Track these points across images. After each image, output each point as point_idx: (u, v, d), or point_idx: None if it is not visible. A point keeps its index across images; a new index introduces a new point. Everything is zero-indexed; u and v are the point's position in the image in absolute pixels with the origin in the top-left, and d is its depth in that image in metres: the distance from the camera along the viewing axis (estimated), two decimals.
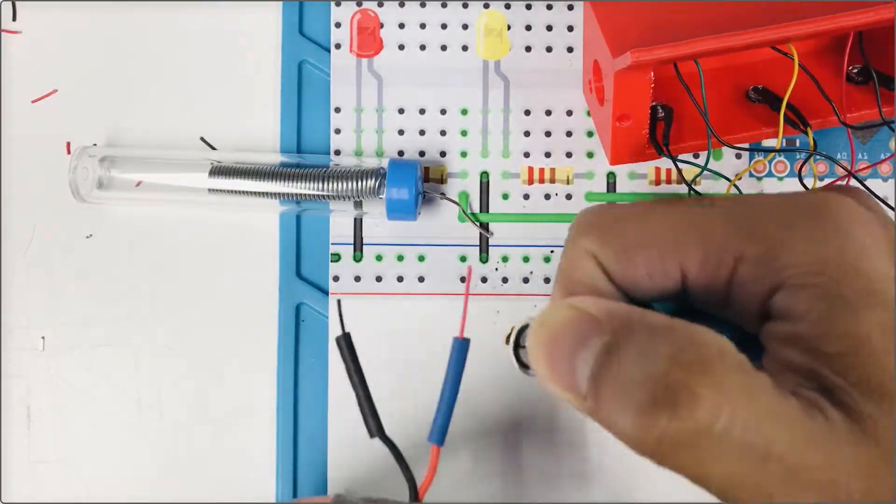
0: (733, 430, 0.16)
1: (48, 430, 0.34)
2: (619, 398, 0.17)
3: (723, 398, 0.16)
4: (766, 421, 0.16)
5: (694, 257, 0.20)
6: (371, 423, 0.26)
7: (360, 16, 0.34)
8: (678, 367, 0.16)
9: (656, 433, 0.16)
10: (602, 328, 0.18)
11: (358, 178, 0.32)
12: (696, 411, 0.16)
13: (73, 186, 0.33)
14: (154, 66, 0.35)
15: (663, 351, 0.17)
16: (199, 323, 0.34)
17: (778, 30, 0.27)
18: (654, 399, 0.16)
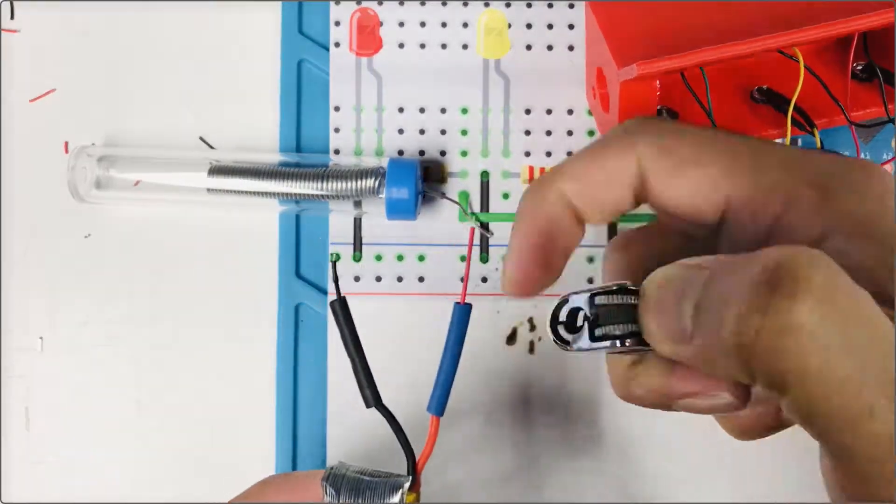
0: (836, 321, 0.16)
1: (48, 430, 0.34)
2: (717, 309, 0.17)
3: (827, 286, 0.16)
4: (868, 322, 0.16)
5: (744, 189, 0.19)
6: (368, 392, 0.25)
7: (360, 14, 0.34)
8: (780, 256, 0.16)
9: (756, 323, 0.16)
10: (702, 269, 0.18)
11: (357, 178, 0.32)
12: (800, 292, 0.16)
13: (72, 186, 0.33)
14: (153, 66, 0.35)
15: (762, 256, 0.17)
16: (199, 323, 0.34)
17: (783, 36, 0.27)
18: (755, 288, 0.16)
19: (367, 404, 0.25)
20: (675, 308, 0.18)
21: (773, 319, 0.16)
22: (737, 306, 0.16)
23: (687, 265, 0.18)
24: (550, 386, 0.33)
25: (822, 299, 0.16)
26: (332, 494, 0.24)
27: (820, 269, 0.16)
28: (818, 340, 0.16)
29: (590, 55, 0.32)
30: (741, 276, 0.17)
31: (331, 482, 0.24)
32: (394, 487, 0.24)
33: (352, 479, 0.24)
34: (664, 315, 0.18)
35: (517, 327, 0.33)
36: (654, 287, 0.19)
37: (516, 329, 0.34)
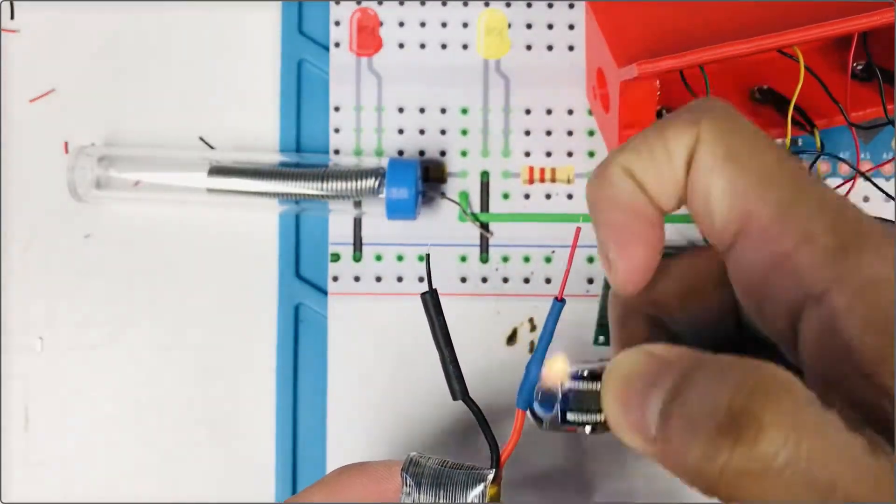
0: (798, 462, 0.16)
1: (47, 430, 0.34)
2: (684, 430, 0.17)
3: (789, 429, 0.16)
4: (833, 456, 0.16)
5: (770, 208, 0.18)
6: (455, 385, 0.24)
7: (360, 14, 0.34)
8: (744, 396, 0.16)
9: (720, 462, 0.16)
10: (672, 368, 0.17)
11: (357, 178, 0.32)
12: (761, 440, 0.16)
13: (72, 186, 0.33)
14: (153, 66, 0.35)
15: (731, 381, 0.16)
16: (199, 323, 0.34)
17: (783, 36, 0.27)
18: (719, 427, 0.16)
19: (454, 397, 0.25)
20: (639, 407, 0.18)
21: (738, 460, 0.16)
22: (703, 437, 0.16)
23: (654, 356, 0.18)
24: None
25: (786, 441, 0.16)
26: (412, 485, 0.23)
27: (787, 405, 0.16)
28: (781, 481, 0.16)
29: (590, 55, 0.32)
30: (709, 397, 0.16)
31: (410, 473, 0.23)
32: (476, 479, 0.23)
33: (432, 470, 0.23)
34: (627, 412, 0.18)
35: (517, 327, 0.33)
36: (617, 380, 0.18)
37: (516, 329, 0.33)
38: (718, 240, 0.20)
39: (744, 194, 0.19)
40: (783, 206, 0.18)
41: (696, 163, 0.19)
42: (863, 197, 0.33)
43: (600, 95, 0.31)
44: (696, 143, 0.19)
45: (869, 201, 0.33)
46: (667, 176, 0.19)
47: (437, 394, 0.33)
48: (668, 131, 0.19)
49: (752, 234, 0.19)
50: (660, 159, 0.19)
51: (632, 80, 0.28)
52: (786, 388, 0.16)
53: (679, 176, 0.19)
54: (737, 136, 0.19)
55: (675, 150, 0.19)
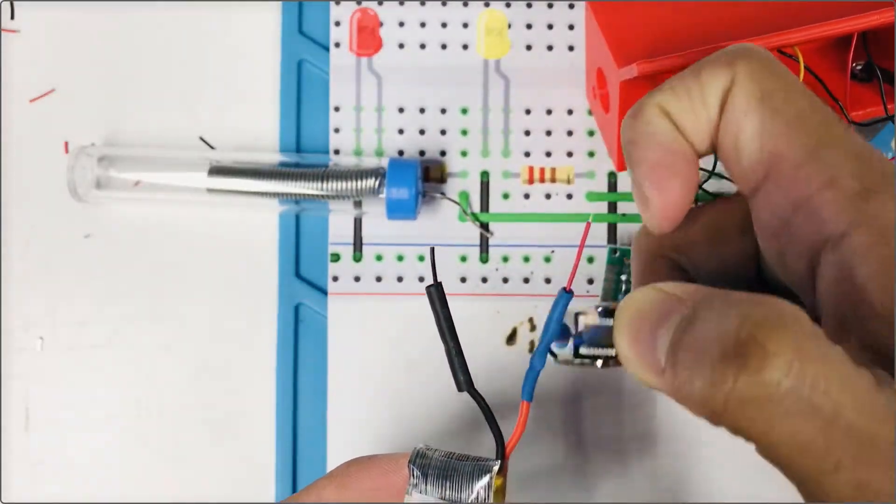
0: (801, 389, 0.16)
1: (47, 430, 0.34)
2: (692, 360, 0.17)
3: (793, 357, 0.16)
4: (837, 386, 0.16)
5: (798, 151, 0.19)
6: (461, 377, 0.25)
7: (360, 14, 0.34)
8: (750, 325, 0.16)
9: (725, 389, 0.16)
10: (682, 303, 0.18)
11: (357, 178, 0.32)
12: (765, 366, 0.16)
13: (72, 186, 0.33)
14: (153, 66, 0.35)
15: (738, 312, 0.17)
16: (199, 323, 0.34)
17: (783, 36, 0.27)
18: (724, 354, 0.16)
19: (459, 388, 0.25)
20: (649, 341, 0.18)
21: (742, 388, 0.16)
22: (709, 366, 0.16)
23: (665, 293, 0.18)
24: (550, 386, 0.33)
25: (789, 369, 0.16)
26: (419, 476, 0.23)
27: (792, 335, 0.16)
28: (784, 408, 0.16)
29: (590, 55, 0.32)
30: (717, 328, 0.17)
31: (417, 464, 0.23)
32: (482, 471, 0.23)
33: (439, 462, 0.24)
34: (638, 346, 0.18)
35: (517, 327, 0.33)
36: (629, 316, 0.19)
37: (516, 329, 0.34)
38: (745, 182, 0.20)
39: (774, 136, 0.19)
40: (811, 149, 0.19)
41: (730, 103, 0.19)
42: None
43: (600, 95, 0.31)
44: (731, 85, 0.19)
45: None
46: (701, 115, 0.20)
47: (438, 393, 0.33)
48: (704, 72, 0.19)
49: (778, 177, 0.19)
50: (695, 99, 0.20)
51: (631, 80, 0.28)
52: (792, 319, 0.17)
53: (713, 116, 0.20)
54: (771, 80, 0.19)
55: (711, 91, 0.19)
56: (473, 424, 0.33)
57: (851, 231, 0.18)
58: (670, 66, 0.27)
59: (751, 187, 0.20)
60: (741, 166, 0.20)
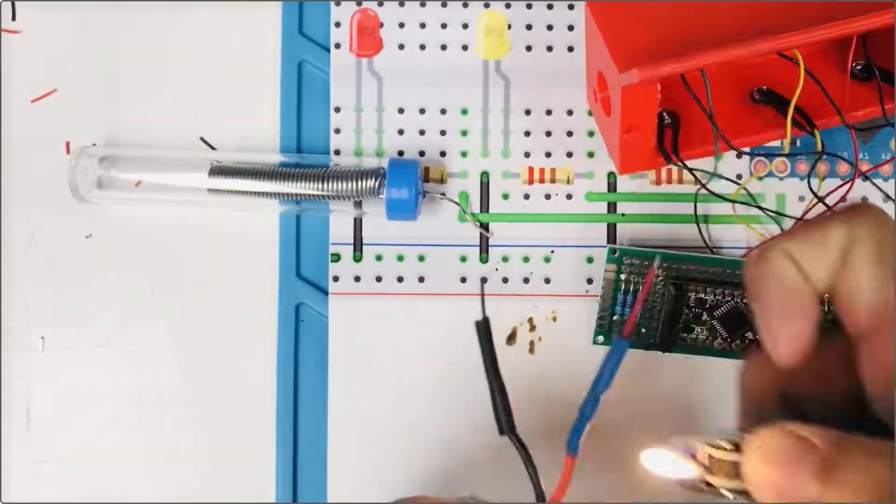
0: None
1: (48, 430, 0.34)
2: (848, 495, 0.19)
3: None
4: None
5: None
6: (503, 419, 0.24)
7: (360, 15, 0.34)
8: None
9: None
10: (815, 447, 0.20)
11: (358, 178, 0.32)
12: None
13: (73, 186, 0.33)
14: (154, 66, 0.35)
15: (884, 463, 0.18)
16: (199, 323, 0.34)
17: (784, 39, 0.27)
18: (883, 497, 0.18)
19: (501, 432, 0.25)
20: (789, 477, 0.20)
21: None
22: None
23: (796, 436, 0.20)
24: (550, 386, 0.33)
25: None
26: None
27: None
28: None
29: (590, 59, 0.32)
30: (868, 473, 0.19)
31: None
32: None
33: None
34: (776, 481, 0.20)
35: (517, 327, 0.34)
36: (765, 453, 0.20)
37: (516, 329, 0.34)
38: (855, 328, 0.22)
39: (888, 291, 0.21)
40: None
41: (852, 258, 0.21)
42: (861, 197, 0.33)
43: (601, 99, 0.31)
44: (851, 242, 0.21)
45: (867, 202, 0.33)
46: (823, 262, 0.21)
47: (438, 393, 0.33)
48: (830, 229, 0.21)
49: (888, 335, 0.21)
50: (819, 249, 0.21)
51: (633, 85, 0.28)
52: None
53: (834, 263, 0.21)
54: (888, 241, 0.21)
55: (833, 243, 0.21)
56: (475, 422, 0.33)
57: None
58: (671, 72, 0.27)
59: (861, 332, 0.21)
60: (856, 313, 0.21)
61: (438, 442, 0.33)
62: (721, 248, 0.34)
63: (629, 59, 0.28)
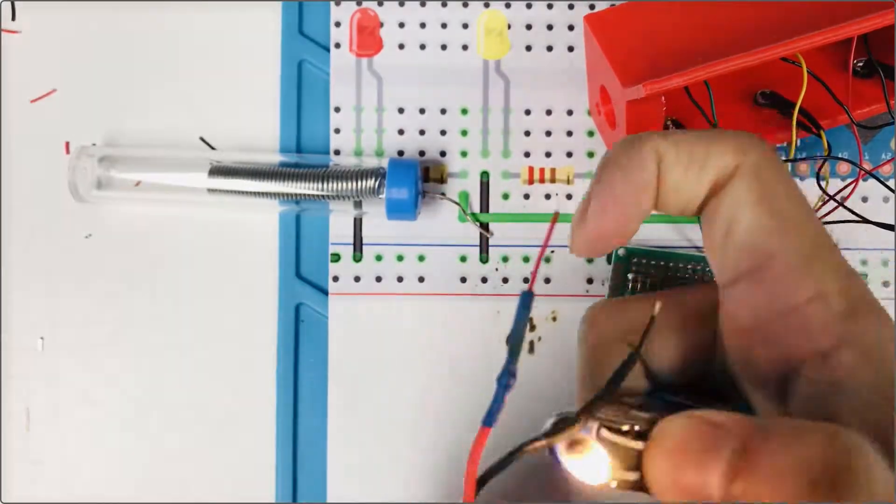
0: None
1: (48, 430, 0.34)
2: (768, 494, 0.16)
3: (876, 483, 0.16)
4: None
5: (792, 255, 0.19)
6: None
7: (360, 15, 0.34)
8: (836, 452, 0.16)
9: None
10: (728, 433, 0.17)
11: (357, 178, 0.32)
12: (864, 491, 0.16)
13: (73, 186, 0.33)
14: (153, 66, 0.35)
15: (816, 442, 0.16)
16: (199, 323, 0.34)
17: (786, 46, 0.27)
18: (812, 482, 0.16)
19: None
20: (696, 470, 0.17)
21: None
22: (794, 493, 0.16)
23: (709, 422, 0.18)
24: (550, 386, 0.33)
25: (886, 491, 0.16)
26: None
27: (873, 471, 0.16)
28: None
29: (591, 73, 0.32)
30: (794, 454, 0.16)
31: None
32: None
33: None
34: (681, 475, 0.18)
35: None
36: (670, 444, 0.18)
37: None
38: (723, 270, 0.20)
39: (768, 236, 0.19)
40: (804, 258, 0.19)
41: (731, 191, 0.19)
42: (861, 197, 0.33)
43: (605, 112, 0.31)
44: (735, 172, 0.19)
45: (867, 202, 0.33)
46: (689, 184, 0.20)
47: (438, 393, 0.33)
48: (715, 147, 0.19)
49: (764, 277, 0.19)
50: (693, 166, 0.19)
51: (638, 100, 0.27)
52: (865, 445, 0.16)
53: (700, 191, 0.20)
54: (775, 179, 0.19)
55: (712, 167, 0.19)
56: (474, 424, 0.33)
57: (840, 347, 0.18)
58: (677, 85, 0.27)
59: (729, 278, 0.20)
60: (726, 254, 0.20)
61: (438, 442, 0.33)
62: None
63: (632, 73, 0.27)
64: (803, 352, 0.19)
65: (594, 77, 0.32)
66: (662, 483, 0.18)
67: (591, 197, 0.20)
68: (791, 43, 0.27)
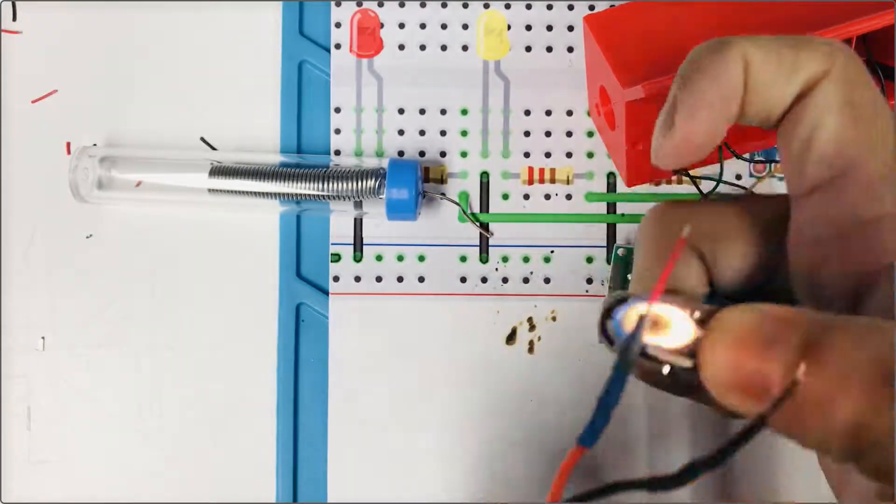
0: None
1: (48, 430, 0.34)
2: (836, 385, 0.15)
3: None
4: None
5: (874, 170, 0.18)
6: None
7: (360, 16, 0.34)
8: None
9: (884, 418, 0.15)
10: (795, 326, 0.16)
11: (358, 179, 0.32)
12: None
13: (73, 186, 0.33)
14: (154, 66, 0.35)
15: (884, 338, 0.15)
16: (199, 323, 0.34)
17: None
18: (885, 379, 0.15)
19: None
20: (758, 365, 0.16)
21: None
22: (863, 390, 0.15)
23: (774, 317, 0.17)
24: (550, 386, 0.33)
25: None
26: None
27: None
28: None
29: (591, 74, 0.32)
30: (862, 351, 0.15)
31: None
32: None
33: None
34: (739, 367, 0.16)
35: (517, 327, 0.34)
36: (729, 334, 0.17)
37: (516, 329, 0.34)
38: (801, 179, 0.19)
39: (855, 145, 0.18)
40: (888, 169, 0.18)
41: (817, 96, 0.18)
42: None
43: (605, 113, 0.31)
44: (824, 77, 0.18)
45: None
46: (777, 88, 0.19)
47: (438, 393, 0.33)
48: (804, 51, 0.19)
49: (845, 188, 0.18)
50: (783, 69, 0.19)
51: (638, 100, 0.27)
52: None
53: (787, 95, 0.19)
54: (862, 89, 0.19)
55: (801, 70, 0.18)
56: (474, 424, 0.33)
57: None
58: None
59: (808, 187, 0.19)
60: (806, 162, 0.19)
61: (438, 442, 0.33)
62: None
63: (632, 73, 0.27)
64: (878, 266, 0.18)
65: (594, 77, 0.32)
66: (719, 372, 0.17)
67: (677, 103, 0.19)
68: None
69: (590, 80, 0.33)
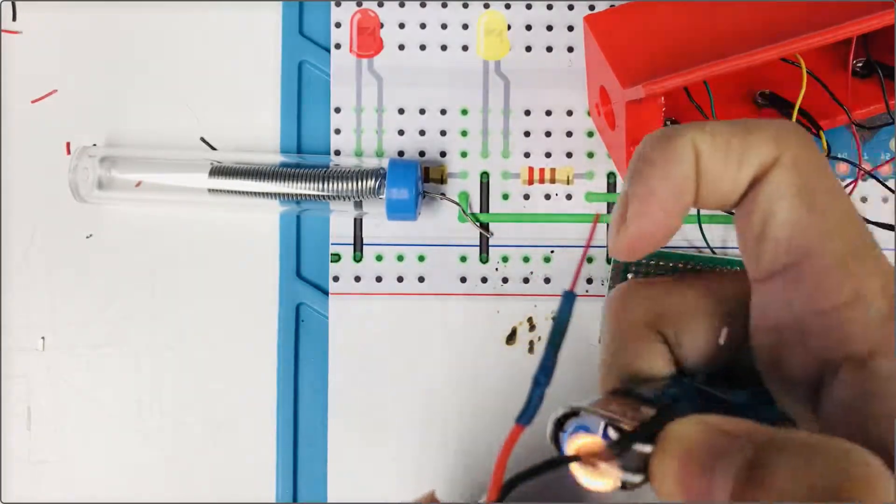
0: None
1: (48, 430, 0.34)
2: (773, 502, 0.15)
3: None
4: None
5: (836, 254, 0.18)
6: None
7: (360, 16, 0.34)
8: (848, 482, 0.15)
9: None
10: (741, 443, 0.17)
11: (358, 179, 0.32)
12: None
13: (73, 186, 0.33)
14: (154, 66, 0.35)
15: (826, 465, 0.15)
16: (199, 323, 0.34)
17: (786, 45, 0.27)
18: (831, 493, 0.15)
19: None
20: (702, 478, 0.17)
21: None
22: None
23: (718, 429, 0.17)
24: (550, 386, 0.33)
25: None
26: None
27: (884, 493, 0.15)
28: None
29: (591, 74, 0.32)
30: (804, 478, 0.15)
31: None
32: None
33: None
34: (688, 480, 0.17)
35: (517, 327, 0.34)
36: (677, 449, 0.17)
37: (516, 329, 0.34)
38: (758, 265, 0.19)
39: (808, 233, 0.18)
40: (843, 257, 0.18)
41: (769, 184, 0.18)
42: (860, 198, 0.33)
43: (605, 113, 0.31)
44: (774, 164, 0.18)
45: (867, 202, 0.33)
46: (728, 177, 0.19)
47: (438, 393, 0.33)
48: (753, 137, 0.18)
49: (801, 275, 0.18)
50: (731, 159, 0.18)
51: (638, 100, 0.27)
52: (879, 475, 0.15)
53: (740, 183, 0.19)
54: (815, 174, 0.18)
55: (750, 158, 0.18)
56: (474, 424, 0.33)
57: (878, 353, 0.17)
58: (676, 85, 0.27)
59: (765, 273, 0.19)
60: (762, 249, 0.19)
61: (438, 442, 0.33)
62: (722, 247, 0.34)
63: (632, 74, 0.27)
64: (838, 356, 0.18)
65: (594, 77, 0.32)
66: (668, 488, 0.17)
67: (628, 198, 0.19)
68: (790, 43, 0.27)
69: (590, 80, 0.33)
